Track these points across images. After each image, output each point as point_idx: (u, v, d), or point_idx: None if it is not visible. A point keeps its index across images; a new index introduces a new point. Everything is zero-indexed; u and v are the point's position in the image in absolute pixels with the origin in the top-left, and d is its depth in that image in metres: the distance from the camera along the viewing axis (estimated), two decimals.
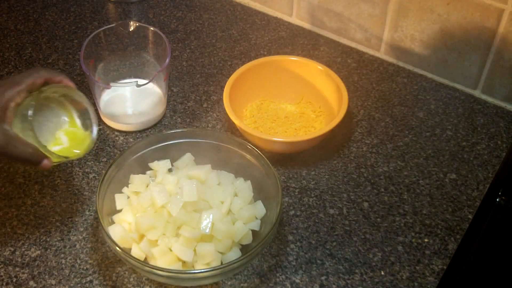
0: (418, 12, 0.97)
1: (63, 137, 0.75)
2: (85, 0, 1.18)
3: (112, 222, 0.78)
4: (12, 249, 0.79)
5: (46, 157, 0.70)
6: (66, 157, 0.73)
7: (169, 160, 0.83)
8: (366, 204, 0.85)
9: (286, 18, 1.14)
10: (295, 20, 1.14)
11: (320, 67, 0.94)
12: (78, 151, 0.75)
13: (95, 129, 0.76)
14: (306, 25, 1.13)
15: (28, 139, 0.69)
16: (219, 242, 0.75)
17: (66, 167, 0.89)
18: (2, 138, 0.66)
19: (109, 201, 0.78)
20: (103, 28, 0.95)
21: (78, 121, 0.76)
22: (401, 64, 1.05)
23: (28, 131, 0.68)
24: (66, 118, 0.75)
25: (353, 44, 1.09)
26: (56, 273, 0.77)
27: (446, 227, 0.82)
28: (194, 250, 0.74)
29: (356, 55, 1.07)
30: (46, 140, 0.73)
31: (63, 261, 0.78)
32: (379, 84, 1.02)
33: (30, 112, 0.68)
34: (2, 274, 0.77)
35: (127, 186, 0.80)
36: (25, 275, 0.77)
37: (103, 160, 0.90)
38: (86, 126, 0.76)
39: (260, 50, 1.08)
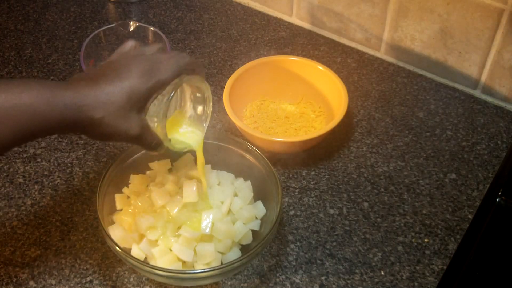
0: (418, 12, 0.97)
1: (180, 127, 0.74)
2: (85, 0, 1.18)
3: (112, 222, 0.77)
4: (12, 249, 0.79)
5: (164, 147, 0.70)
6: (180, 150, 0.73)
7: (169, 160, 0.83)
8: (366, 204, 0.85)
9: (286, 18, 1.14)
10: (295, 20, 1.14)
11: (320, 67, 0.94)
12: (192, 143, 0.74)
13: (206, 125, 0.74)
14: (306, 25, 1.13)
15: (155, 126, 0.68)
16: (219, 242, 0.75)
17: (66, 167, 0.89)
18: (138, 129, 0.65)
19: (109, 201, 0.78)
20: (103, 28, 0.95)
21: (192, 112, 0.74)
22: (401, 64, 1.05)
23: (159, 123, 0.67)
24: (186, 107, 0.74)
25: (353, 44, 1.09)
26: (56, 273, 0.77)
27: (446, 227, 0.82)
28: (194, 250, 0.74)
29: (356, 55, 1.07)
30: (169, 127, 0.71)
31: (63, 261, 0.78)
32: (379, 84, 1.02)
33: (167, 105, 0.66)
34: (2, 274, 0.77)
35: (127, 186, 0.80)
36: (25, 275, 0.77)
37: (103, 160, 0.90)
38: (199, 117, 0.74)
39: (260, 50, 1.08)
